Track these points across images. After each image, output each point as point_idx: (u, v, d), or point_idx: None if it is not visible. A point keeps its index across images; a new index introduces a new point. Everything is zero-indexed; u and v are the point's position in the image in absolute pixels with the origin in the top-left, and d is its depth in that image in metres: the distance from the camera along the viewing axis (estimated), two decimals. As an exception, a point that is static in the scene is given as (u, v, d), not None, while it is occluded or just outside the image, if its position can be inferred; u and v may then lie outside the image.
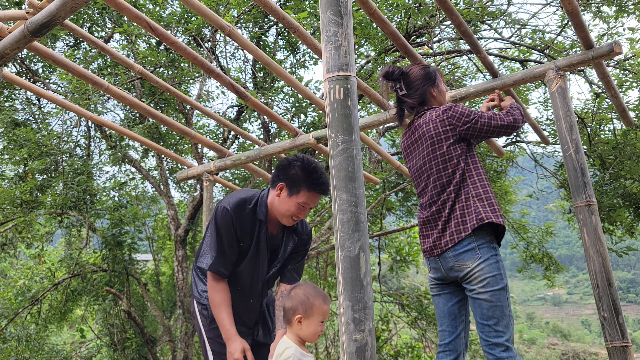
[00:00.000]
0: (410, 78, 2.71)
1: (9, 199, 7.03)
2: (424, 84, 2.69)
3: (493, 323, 2.33)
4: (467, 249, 2.40)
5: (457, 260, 2.42)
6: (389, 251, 10.75)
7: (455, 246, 2.42)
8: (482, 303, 2.36)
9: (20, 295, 8.92)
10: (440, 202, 2.51)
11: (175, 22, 6.45)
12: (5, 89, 8.01)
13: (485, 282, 2.35)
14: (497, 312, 2.33)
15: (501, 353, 2.30)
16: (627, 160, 5.98)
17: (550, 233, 9.06)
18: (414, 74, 2.72)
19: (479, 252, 2.38)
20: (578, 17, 2.76)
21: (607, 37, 6.19)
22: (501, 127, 2.51)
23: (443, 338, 2.59)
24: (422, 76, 2.71)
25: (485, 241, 2.40)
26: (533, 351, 34.30)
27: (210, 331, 2.56)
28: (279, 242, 2.65)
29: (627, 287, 57.65)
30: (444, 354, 2.57)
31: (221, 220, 2.45)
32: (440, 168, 2.52)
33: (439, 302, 2.62)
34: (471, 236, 2.40)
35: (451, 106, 2.56)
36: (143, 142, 4.13)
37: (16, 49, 2.47)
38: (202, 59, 3.03)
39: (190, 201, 9.59)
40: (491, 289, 2.34)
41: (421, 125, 2.60)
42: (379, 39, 5.96)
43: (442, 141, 2.51)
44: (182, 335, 9.04)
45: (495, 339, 2.32)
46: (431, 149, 2.55)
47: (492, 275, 2.35)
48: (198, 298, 2.65)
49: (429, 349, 10.73)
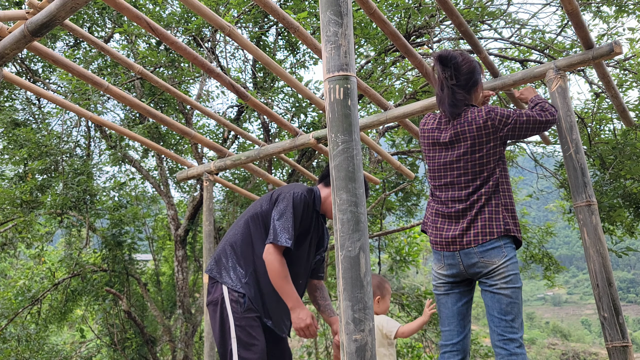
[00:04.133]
0: (462, 69, 2.59)
1: (9, 199, 7.04)
2: (472, 78, 2.60)
3: (511, 319, 2.40)
4: (495, 246, 2.45)
5: (484, 257, 2.45)
6: (389, 251, 10.75)
7: (485, 243, 2.46)
8: (502, 298, 2.41)
9: (20, 295, 8.92)
10: (469, 202, 2.50)
11: (175, 22, 6.45)
12: (5, 89, 8.01)
13: (509, 279, 2.41)
14: (515, 309, 2.41)
15: (516, 349, 2.37)
16: (627, 160, 5.98)
17: (550, 233, 9.06)
18: (466, 67, 2.60)
19: (505, 251, 2.45)
20: (578, 17, 2.76)
21: (607, 37, 6.19)
22: (540, 123, 2.55)
23: (450, 338, 2.58)
24: (473, 70, 2.61)
25: (509, 241, 2.47)
26: (533, 351, 34.30)
27: (242, 319, 2.55)
28: (322, 234, 2.92)
29: (627, 287, 57.67)
30: (451, 354, 2.56)
31: (299, 204, 2.67)
32: (477, 170, 2.51)
33: (447, 302, 2.60)
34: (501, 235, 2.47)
35: (493, 108, 2.53)
36: (143, 142, 4.13)
37: (16, 49, 2.47)
38: (202, 59, 3.03)
39: (190, 201, 9.59)
40: (513, 286, 2.41)
41: (462, 123, 2.54)
42: (379, 39, 5.97)
43: (482, 144, 2.50)
44: (182, 335, 9.04)
45: (511, 335, 2.39)
46: (470, 150, 2.51)
47: (514, 273, 2.43)
48: (232, 286, 2.61)
49: (429, 349, 10.73)
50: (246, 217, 2.77)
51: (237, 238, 2.72)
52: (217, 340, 2.60)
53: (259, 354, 2.50)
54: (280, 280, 2.53)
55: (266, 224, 2.70)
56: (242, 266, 2.67)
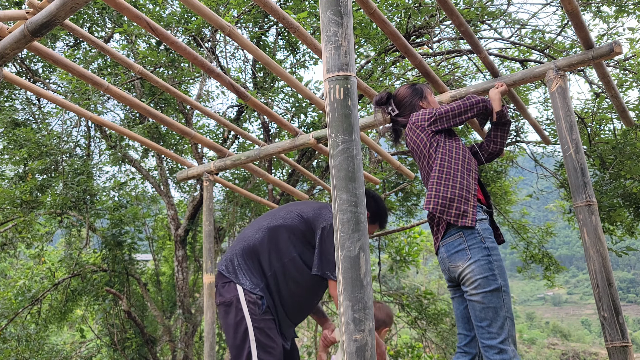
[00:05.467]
0: (398, 98, 2.85)
1: (9, 199, 7.03)
2: (412, 99, 2.81)
3: (486, 325, 2.32)
4: (458, 249, 2.40)
5: (450, 261, 2.44)
6: (389, 251, 10.75)
7: (447, 245, 2.44)
8: (474, 305, 2.35)
9: (20, 295, 8.91)
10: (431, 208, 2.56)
11: (175, 22, 6.45)
12: (5, 89, 8.01)
13: (476, 284, 2.34)
14: (490, 314, 2.31)
15: (495, 356, 2.28)
16: (627, 160, 5.98)
17: (550, 233, 9.06)
18: (401, 93, 2.86)
19: (470, 253, 2.37)
20: (578, 17, 2.76)
21: (607, 37, 6.19)
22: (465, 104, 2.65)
23: (460, 341, 2.60)
24: (409, 93, 2.83)
25: (476, 242, 2.39)
26: (533, 351, 34.31)
27: (261, 321, 2.54)
28: None
29: (627, 287, 57.67)
30: (459, 355, 2.59)
31: None
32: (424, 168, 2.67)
33: (454, 305, 2.65)
34: (461, 237, 2.41)
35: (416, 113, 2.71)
36: (143, 142, 4.13)
37: (16, 49, 2.47)
38: (202, 59, 3.03)
39: (190, 201, 9.59)
40: (482, 291, 2.33)
41: (406, 136, 2.75)
42: (379, 39, 5.96)
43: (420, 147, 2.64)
44: (182, 335, 9.04)
45: (488, 341, 2.31)
46: (418, 158, 2.69)
47: (482, 276, 2.34)
48: (250, 288, 2.60)
49: (429, 349, 10.74)
50: (271, 225, 2.75)
51: (256, 243, 2.70)
52: (231, 342, 2.54)
53: (277, 357, 2.50)
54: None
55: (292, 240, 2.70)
56: (258, 271, 2.66)
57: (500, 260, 2.41)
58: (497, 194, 8.82)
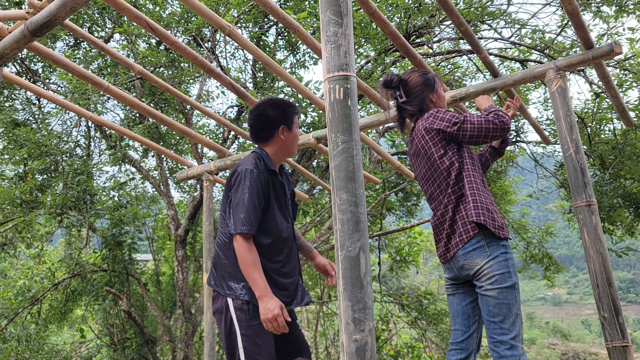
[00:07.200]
0: (409, 85, 2.74)
1: (9, 199, 7.03)
2: (423, 90, 2.71)
3: (499, 320, 2.35)
4: (476, 247, 2.42)
5: (467, 259, 2.44)
6: (389, 251, 10.75)
7: (465, 245, 2.45)
8: (489, 300, 2.38)
9: (20, 295, 8.91)
10: (440, 213, 2.56)
11: (175, 22, 6.45)
12: (5, 89, 8.01)
13: (494, 280, 2.37)
14: (504, 310, 2.35)
15: (505, 351, 2.32)
16: (627, 160, 5.98)
17: (550, 233, 9.06)
18: (413, 80, 2.74)
19: (488, 250, 2.41)
20: (578, 17, 2.76)
21: (607, 37, 6.19)
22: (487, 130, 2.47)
23: (456, 337, 2.61)
24: (421, 83, 2.73)
25: (494, 239, 2.42)
26: (533, 351, 34.28)
27: (248, 328, 2.53)
28: (285, 184, 2.85)
29: (627, 287, 57.64)
30: (454, 352, 2.59)
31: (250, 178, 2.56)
32: (440, 180, 2.56)
33: (453, 302, 2.65)
34: (480, 234, 2.43)
35: (434, 112, 2.58)
36: (143, 142, 4.13)
37: (16, 49, 2.47)
38: (202, 59, 3.03)
39: (190, 201, 9.58)
40: (498, 287, 2.36)
41: (416, 136, 2.65)
42: (379, 39, 5.96)
43: (431, 148, 2.56)
44: (182, 335, 9.04)
45: (500, 337, 2.34)
46: (426, 160, 2.60)
47: (500, 272, 2.37)
48: (235, 295, 2.58)
49: (429, 349, 10.73)
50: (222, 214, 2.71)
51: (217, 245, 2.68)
52: (225, 347, 2.60)
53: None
54: (247, 268, 2.47)
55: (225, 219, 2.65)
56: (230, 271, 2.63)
57: (514, 259, 2.47)
58: (497, 194, 8.82)
